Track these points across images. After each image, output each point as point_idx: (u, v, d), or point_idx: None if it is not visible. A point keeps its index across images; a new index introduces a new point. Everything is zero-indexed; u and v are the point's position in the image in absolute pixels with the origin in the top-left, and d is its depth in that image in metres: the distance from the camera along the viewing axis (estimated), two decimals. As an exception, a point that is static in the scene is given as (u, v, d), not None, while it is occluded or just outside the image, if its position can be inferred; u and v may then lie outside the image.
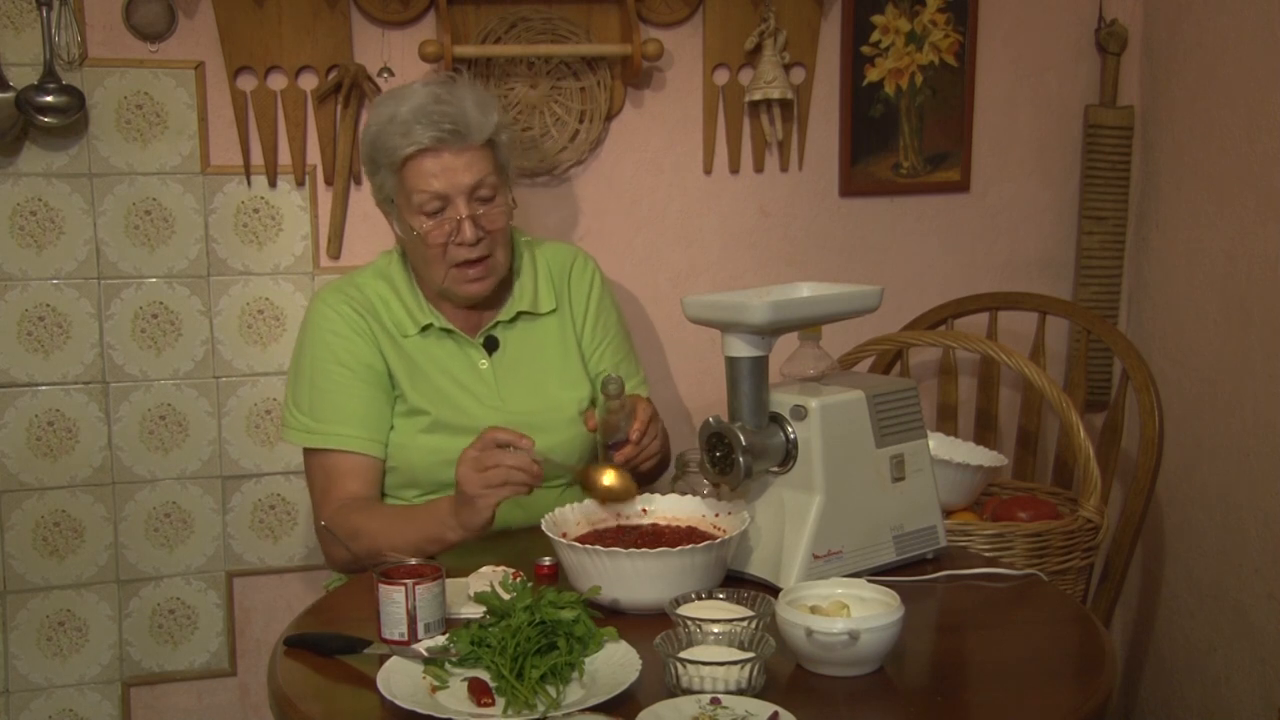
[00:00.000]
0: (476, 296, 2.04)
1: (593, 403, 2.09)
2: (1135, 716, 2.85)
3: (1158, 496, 2.68)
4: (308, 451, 2.05)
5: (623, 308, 2.30)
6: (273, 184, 2.45)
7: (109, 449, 2.45)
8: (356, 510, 1.95)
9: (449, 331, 2.07)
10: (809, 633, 1.44)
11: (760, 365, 1.72)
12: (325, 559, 2.13)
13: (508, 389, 2.07)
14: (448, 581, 1.61)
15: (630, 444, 1.91)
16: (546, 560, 1.76)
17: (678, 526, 1.78)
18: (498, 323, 2.10)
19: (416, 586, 1.55)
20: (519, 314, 2.11)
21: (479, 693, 1.38)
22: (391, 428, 2.05)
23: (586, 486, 1.82)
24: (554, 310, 2.14)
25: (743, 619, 1.49)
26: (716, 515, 1.79)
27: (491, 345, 2.09)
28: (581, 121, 2.54)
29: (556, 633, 1.44)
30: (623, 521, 1.80)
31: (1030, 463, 2.67)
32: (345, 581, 2.03)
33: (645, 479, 1.99)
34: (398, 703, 1.37)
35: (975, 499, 2.26)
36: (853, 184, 2.69)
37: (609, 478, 1.81)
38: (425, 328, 2.06)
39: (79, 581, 2.47)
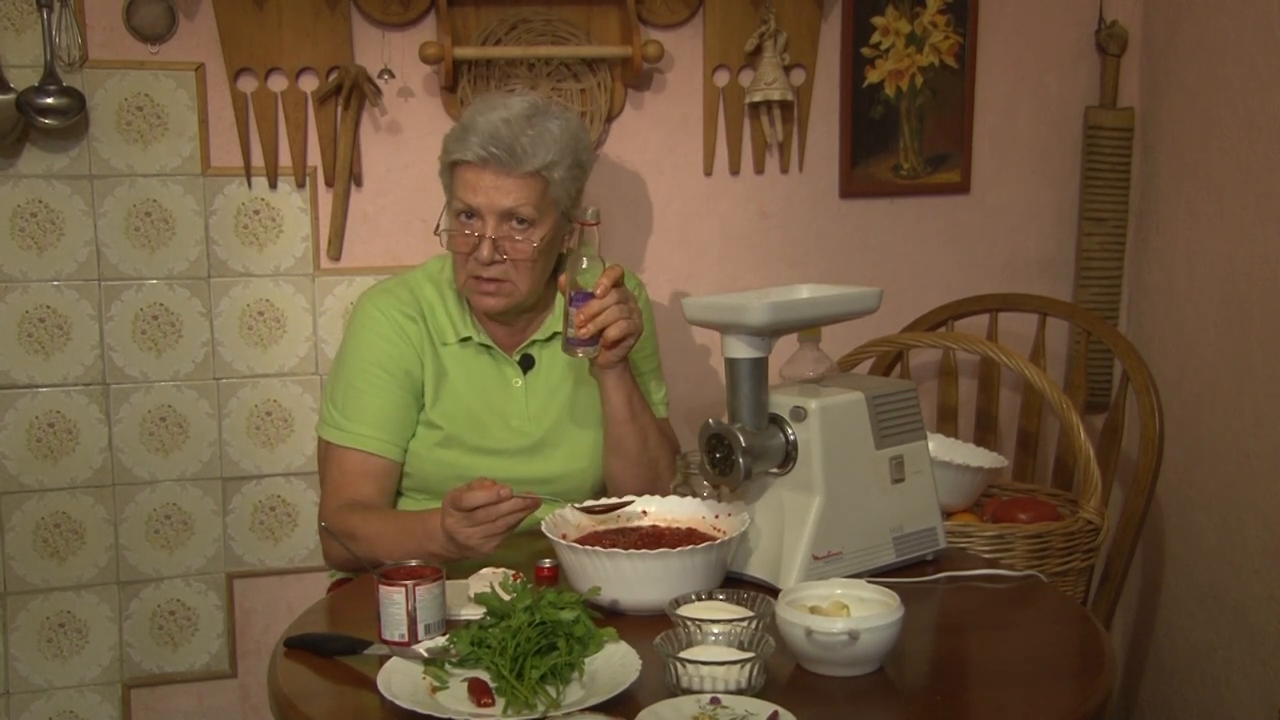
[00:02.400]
0: (488, 310, 2.02)
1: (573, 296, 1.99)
2: (1135, 717, 2.85)
3: (1158, 497, 2.68)
4: (330, 445, 2.04)
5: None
6: (273, 185, 2.46)
7: (109, 450, 2.45)
8: (356, 512, 1.95)
9: (487, 347, 2.07)
10: (809, 633, 1.44)
11: (760, 367, 1.72)
12: (324, 556, 2.14)
13: (537, 407, 2.07)
14: (448, 583, 1.61)
15: (595, 299, 1.88)
16: (547, 562, 1.75)
17: (677, 528, 1.78)
18: (534, 341, 2.09)
19: (416, 588, 1.55)
20: (555, 334, 2.09)
21: (479, 693, 1.39)
22: (413, 435, 2.05)
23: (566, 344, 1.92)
24: None
25: (742, 619, 1.49)
26: (716, 516, 1.79)
27: (528, 364, 2.09)
28: (581, 123, 2.54)
29: (556, 633, 1.44)
30: (623, 523, 1.80)
31: (1030, 464, 2.67)
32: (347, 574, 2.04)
33: (612, 348, 1.92)
34: (398, 703, 1.37)
35: (975, 500, 2.26)
36: (853, 185, 2.69)
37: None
38: (464, 340, 2.06)
39: (79, 583, 2.47)
